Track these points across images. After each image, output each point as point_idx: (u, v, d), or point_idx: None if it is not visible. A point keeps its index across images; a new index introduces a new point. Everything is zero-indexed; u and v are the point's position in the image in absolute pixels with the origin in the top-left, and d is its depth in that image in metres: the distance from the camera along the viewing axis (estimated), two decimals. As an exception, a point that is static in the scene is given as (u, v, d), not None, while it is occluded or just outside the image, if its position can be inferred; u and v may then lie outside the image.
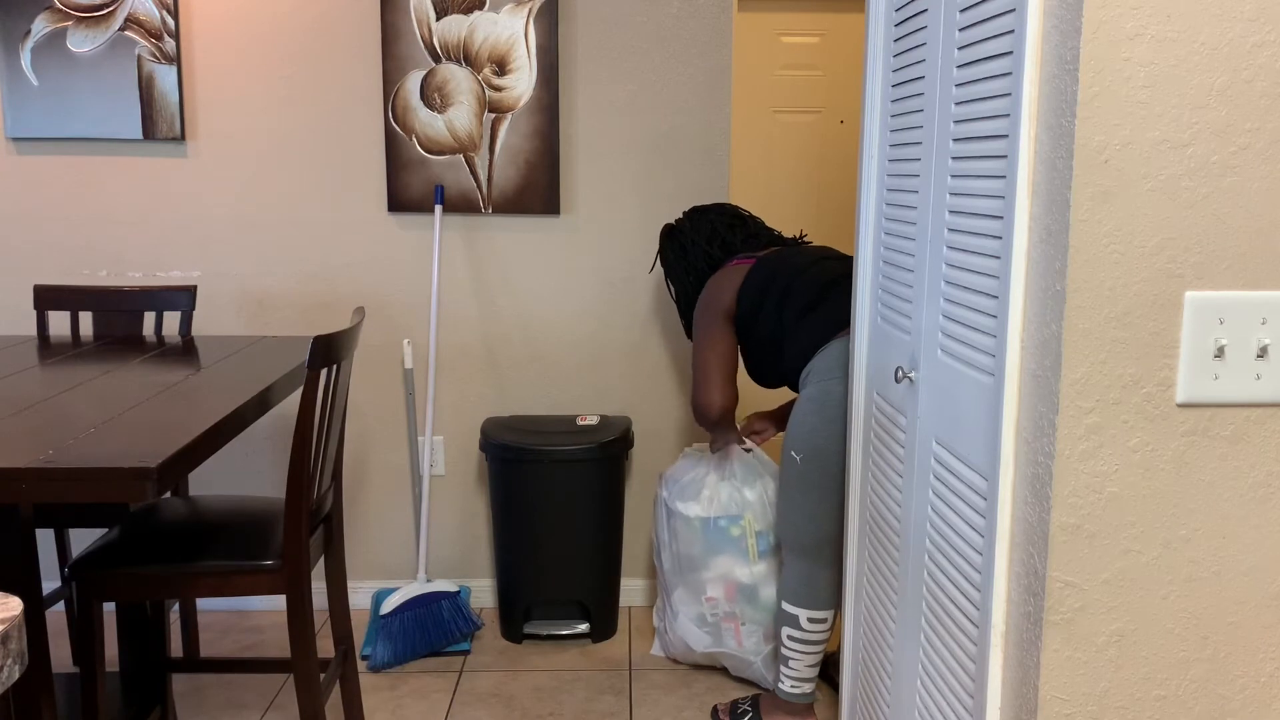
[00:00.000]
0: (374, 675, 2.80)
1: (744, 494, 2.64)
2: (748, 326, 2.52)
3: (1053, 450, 1.17)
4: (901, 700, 1.75)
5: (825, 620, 2.41)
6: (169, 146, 3.03)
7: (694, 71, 3.01)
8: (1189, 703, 1.20)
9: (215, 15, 2.97)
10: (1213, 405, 1.15)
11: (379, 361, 3.14)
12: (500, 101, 2.98)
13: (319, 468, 2.11)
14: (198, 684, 2.76)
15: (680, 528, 2.68)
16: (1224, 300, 1.13)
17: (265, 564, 2.02)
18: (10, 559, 1.75)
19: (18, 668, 0.79)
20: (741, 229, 2.72)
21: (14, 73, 2.94)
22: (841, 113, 4.10)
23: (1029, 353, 1.24)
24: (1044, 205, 1.19)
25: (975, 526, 1.39)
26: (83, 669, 1.98)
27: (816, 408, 2.32)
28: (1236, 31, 1.09)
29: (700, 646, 2.73)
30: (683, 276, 2.76)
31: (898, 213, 1.78)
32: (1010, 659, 1.30)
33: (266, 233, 3.07)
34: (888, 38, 1.85)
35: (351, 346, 2.17)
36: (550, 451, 2.85)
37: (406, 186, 3.02)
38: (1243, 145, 1.10)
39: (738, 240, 2.70)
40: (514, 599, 2.98)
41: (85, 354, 2.43)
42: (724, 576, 2.65)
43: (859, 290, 2.05)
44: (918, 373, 1.65)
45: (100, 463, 1.57)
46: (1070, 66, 1.12)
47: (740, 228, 2.72)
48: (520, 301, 3.12)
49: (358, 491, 3.21)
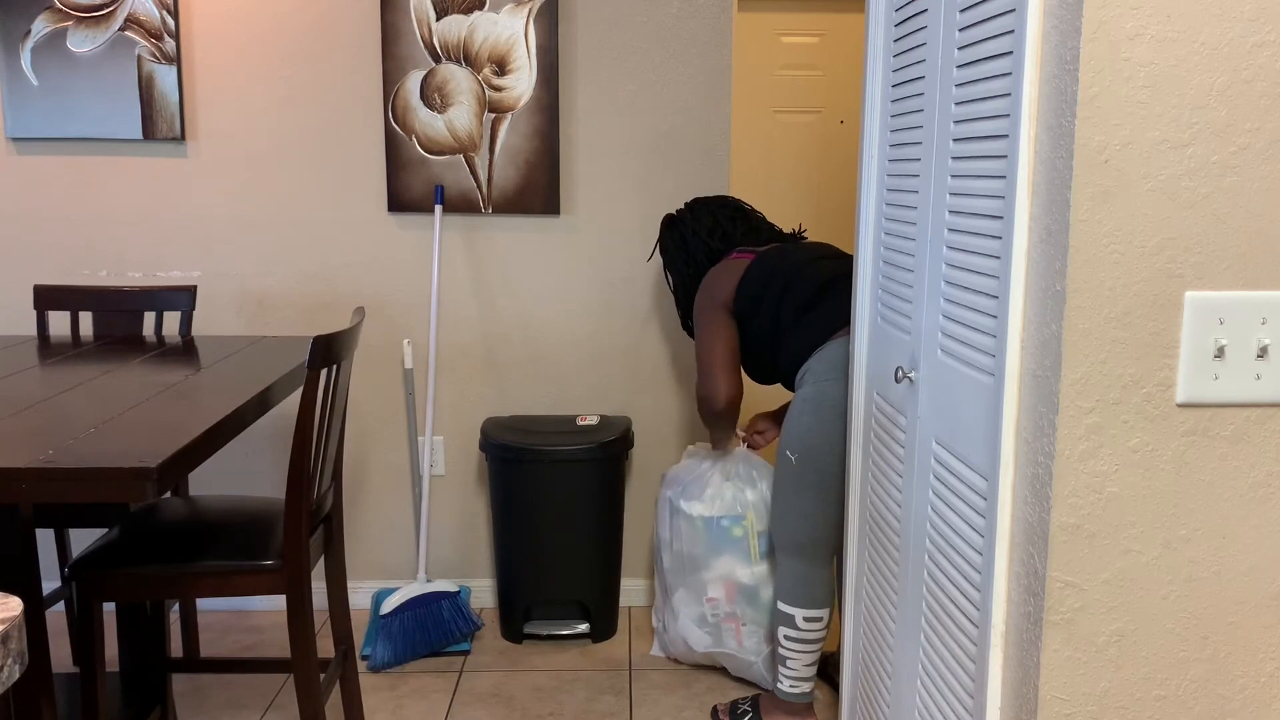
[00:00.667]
0: (374, 675, 2.80)
1: (747, 494, 2.64)
2: (745, 322, 2.52)
3: (1053, 450, 1.17)
4: (901, 700, 1.75)
5: (821, 619, 2.41)
6: (169, 146, 3.03)
7: (694, 71, 3.01)
8: (1189, 703, 1.20)
9: (215, 15, 2.97)
10: (1213, 405, 1.15)
11: (379, 361, 3.14)
12: (500, 101, 2.98)
13: (319, 468, 2.11)
14: (198, 684, 2.76)
15: (683, 527, 2.68)
16: (1224, 300, 1.13)
17: (265, 564, 2.02)
18: (10, 559, 1.75)
19: (18, 668, 0.79)
20: (743, 222, 2.73)
21: (14, 73, 2.94)
22: (841, 113, 4.10)
23: (1029, 353, 1.24)
24: (1044, 205, 1.19)
25: (975, 526, 1.39)
26: (83, 669, 1.98)
27: (812, 408, 2.32)
28: (1236, 31, 1.09)
29: (700, 647, 2.73)
30: (682, 268, 2.76)
31: (898, 213, 1.78)
32: (1010, 659, 1.30)
33: (266, 233, 3.07)
34: (888, 38, 1.85)
35: (351, 346, 2.17)
36: (550, 451, 2.84)
37: (406, 186, 3.02)
38: (1243, 145, 1.10)
39: (738, 233, 2.70)
40: (514, 599, 2.98)
41: (85, 354, 2.43)
42: (725, 577, 2.65)
43: (859, 290, 2.05)
44: (918, 373, 1.65)
45: (100, 463, 1.57)
46: (1070, 66, 1.12)
47: (741, 220, 2.73)
48: (520, 301, 3.12)
49: (358, 491, 3.21)
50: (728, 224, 2.71)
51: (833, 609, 2.44)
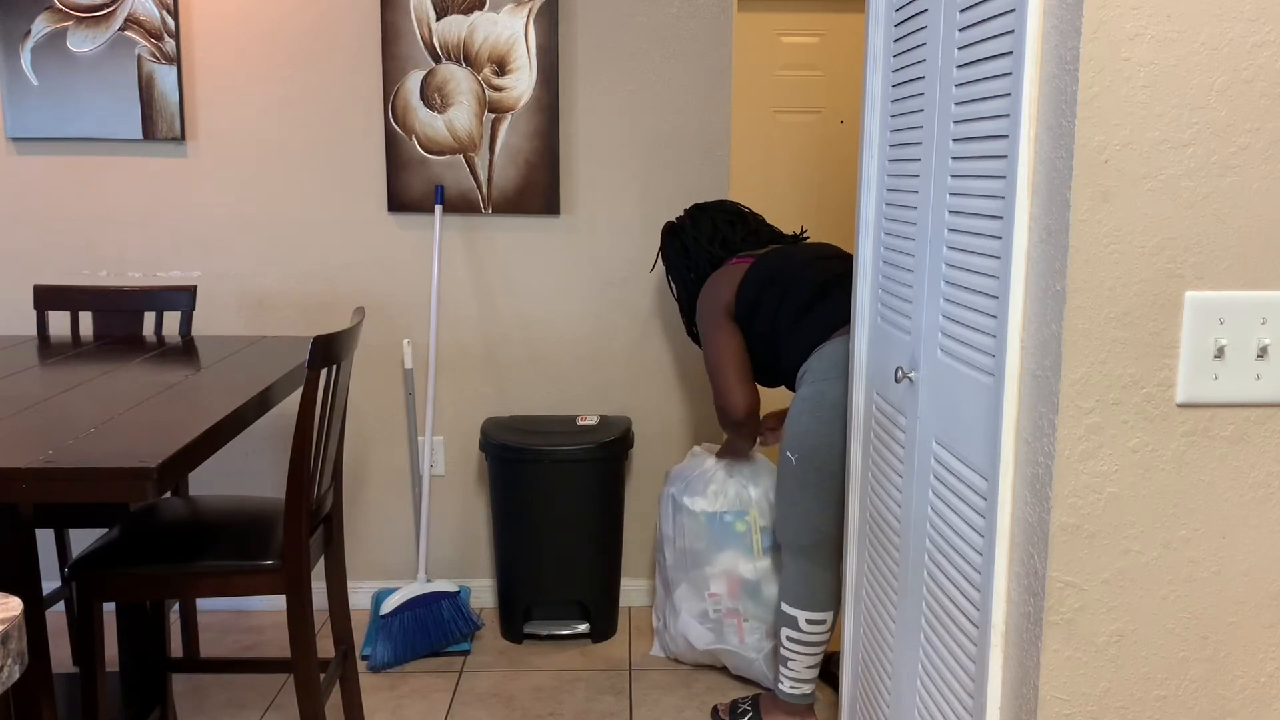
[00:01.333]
0: (374, 675, 2.80)
1: (750, 490, 2.65)
2: (746, 325, 2.52)
3: (1053, 450, 1.17)
4: (901, 700, 1.75)
5: (824, 622, 2.41)
6: (169, 146, 3.03)
7: (694, 71, 3.01)
8: (1189, 703, 1.20)
9: (215, 15, 2.97)
10: (1213, 405, 1.15)
11: (379, 361, 3.14)
12: (500, 101, 2.98)
13: (319, 468, 2.11)
14: (198, 684, 2.76)
15: (686, 522, 2.69)
16: (1224, 300, 1.12)
17: (265, 564, 2.02)
18: (10, 559, 1.75)
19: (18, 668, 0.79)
20: (742, 226, 2.73)
21: (14, 73, 2.94)
22: (841, 113, 4.10)
23: (1029, 353, 1.24)
24: (1044, 205, 1.19)
25: (975, 526, 1.39)
26: (83, 669, 1.98)
27: (811, 408, 2.32)
28: (1236, 31, 1.09)
29: (702, 643, 2.73)
30: (684, 275, 2.76)
31: (898, 213, 1.78)
32: (1010, 659, 1.30)
33: (266, 233, 3.07)
34: (888, 38, 1.85)
35: (351, 346, 2.17)
36: (550, 451, 2.84)
37: (406, 186, 3.02)
38: (1243, 145, 1.10)
39: (738, 238, 2.70)
40: (514, 599, 2.98)
41: (85, 354, 2.43)
42: (728, 572, 2.66)
43: (859, 290, 2.05)
44: (918, 373, 1.65)
45: (100, 463, 1.57)
46: (1070, 66, 1.12)
47: (741, 225, 2.73)
48: (520, 301, 3.12)
49: (358, 491, 3.21)
50: (728, 229, 2.71)
51: (838, 612, 2.44)
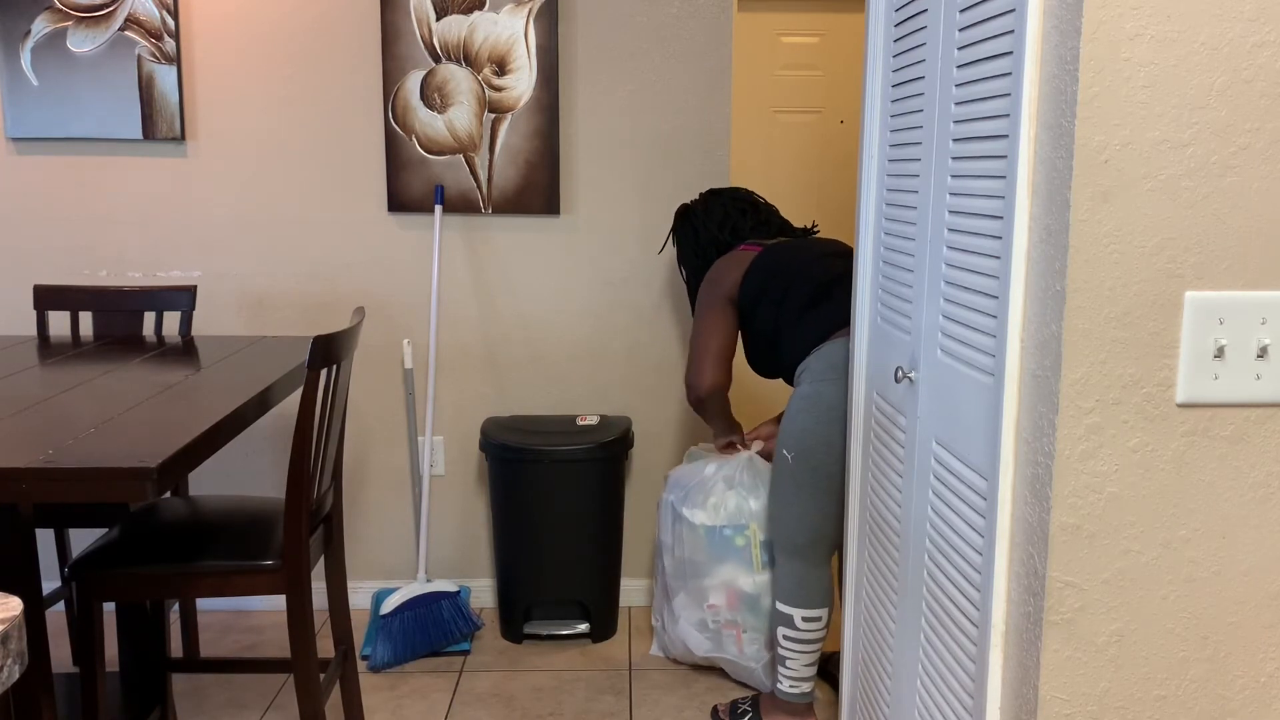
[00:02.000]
0: (374, 675, 2.80)
1: (750, 503, 2.61)
2: (748, 316, 2.53)
3: (1053, 450, 1.17)
4: (901, 700, 1.75)
5: (820, 619, 2.41)
6: (169, 146, 3.03)
7: (694, 71, 3.01)
8: (1189, 703, 1.20)
9: (215, 15, 2.97)
10: (1213, 405, 1.15)
11: (379, 361, 3.14)
12: (500, 101, 2.98)
13: (319, 468, 2.11)
14: (198, 684, 2.76)
15: (685, 533, 2.67)
16: (1224, 300, 1.12)
17: (265, 564, 2.02)
18: (10, 559, 1.75)
19: (18, 668, 0.79)
20: (753, 215, 2.74)
21: (14, 73, 2.94)
22: (841, 113, 4.10)
23: (1029, 353, 1.24)
24: (1044, 205, 1.19)
25: (975, 526, 1.39)
26: (83, 669, 1.98)
27: (809, 406, 2.32)
28: (1236, 31, 1.09)
29: (700, 651, 2.73)
30: (692, 259, 2.78)
31: (898, 213, 1.78)
32: (1010, 659, 1.30)
33: (266, 233, 3.07)
34: (888, 38, 1.85)
35: (351, 346, 2.17)
36: (550, 451, 2.84)
37: (406, 186, 3.02)
38: (1243, 145, 1.10)
39: (747, 226, 2.72)
40: (514, 599, 2.98)
41: (85, 354, 2.43)
42: (727, 584, 2.64)
43: (859, 290, 2.05)
44: (917, 373, 1.65)
45: (100, 463, 1.57)
46: (1070, 66, 1.12)
47: (752, 213, 2.74)
48: (520, 301, 3.12)
49: (358, 491, 3.21)
50: (738, 217, 2.72)
51: (832, 609, 2.44)
